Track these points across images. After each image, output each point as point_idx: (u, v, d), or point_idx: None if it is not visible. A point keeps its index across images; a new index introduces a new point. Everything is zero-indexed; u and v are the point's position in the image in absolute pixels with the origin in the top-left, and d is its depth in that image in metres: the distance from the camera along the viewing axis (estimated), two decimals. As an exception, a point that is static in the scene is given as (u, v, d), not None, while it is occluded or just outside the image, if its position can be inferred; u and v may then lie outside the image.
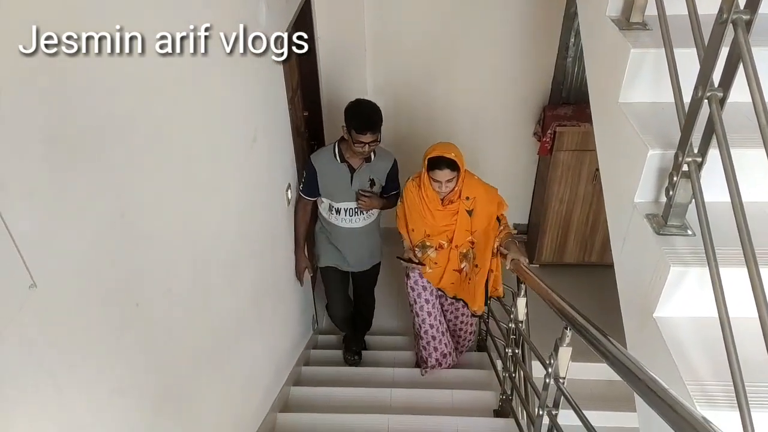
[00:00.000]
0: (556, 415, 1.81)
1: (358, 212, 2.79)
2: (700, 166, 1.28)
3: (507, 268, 2.47)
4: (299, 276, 2.95)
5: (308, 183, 2.73)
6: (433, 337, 2.91)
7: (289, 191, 2.76)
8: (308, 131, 3.95)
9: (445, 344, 2.97)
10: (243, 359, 2.14)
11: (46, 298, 0.93)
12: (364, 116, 2.50)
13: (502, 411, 2.63)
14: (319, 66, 3.82)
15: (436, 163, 2.39)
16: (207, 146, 1.69)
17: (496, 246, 2.58)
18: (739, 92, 1.21)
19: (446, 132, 4.13)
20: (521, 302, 2.33)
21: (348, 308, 3.28)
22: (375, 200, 2.77)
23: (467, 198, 2.52)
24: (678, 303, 1.32)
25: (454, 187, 2.46)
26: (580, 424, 1.72)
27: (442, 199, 2.52)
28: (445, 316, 2.98)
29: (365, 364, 3.34)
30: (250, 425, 2.26)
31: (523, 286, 2.33)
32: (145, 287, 1.30)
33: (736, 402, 1.06)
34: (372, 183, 2.74)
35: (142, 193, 1.28)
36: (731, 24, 1.10)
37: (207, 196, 1.71)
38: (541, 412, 1.86)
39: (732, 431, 1.07)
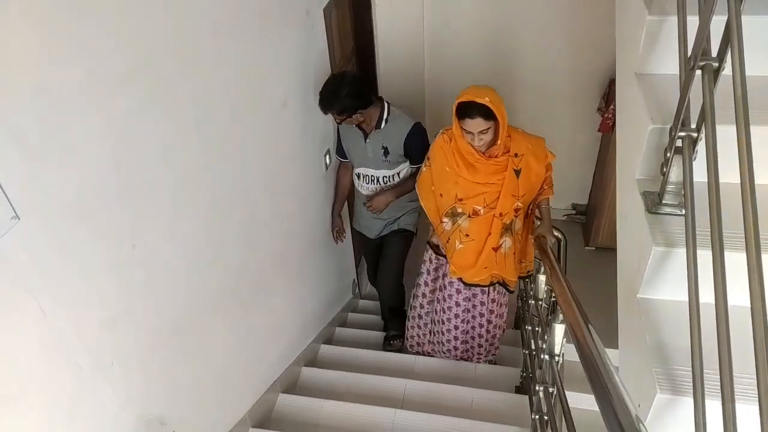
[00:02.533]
0: (553, 392, 1.78)
1: (376, 180, 2.72)
2: (695, 141, 1.19)
3: (531, 242, 2.31)
4: (333, 236, 3.00)
5: (337, 144, 2.80)
6: (417, 318, 2.75)
7: (327, 157, 2.83)
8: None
9: (429, 339, 2.76)
10: (263, 312, 2.26)
11: (29, 230, 1.05)
12: (320, 95, 2.42)
13: (522, 388, 2.61)
14: (376, 34, 3.83)
15: (466, 109, 1.97)
16: (225, 104, 1.78)
17: (531, 207, 2.29)
18: (758, 65, 1.12)
19: (510, 106, 4.03)
20: (541, 279, 2.21)
21: (375, 270, 3.18)
22: (382, 197, 2.68)
23: (515, 155, 2.11)
24: (662, 285, 1.26)
25: (492, 141, 2.05)
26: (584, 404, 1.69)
27: (483, 152, 2.11)
28: (457, 309, 2.58)
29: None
30: (269, 373, 2.40)
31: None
32: (144, 231, 1.41)
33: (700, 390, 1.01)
34: (386, 151, 2.61)
35: (144, 143, 1.38)
36: (724, -14, 1.02)
37: (224, 152, 1.80)
38: (538, 388, 1.83)
39: (690, 418, 1.03)
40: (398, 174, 2.71)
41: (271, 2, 2.06)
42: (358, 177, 2.78)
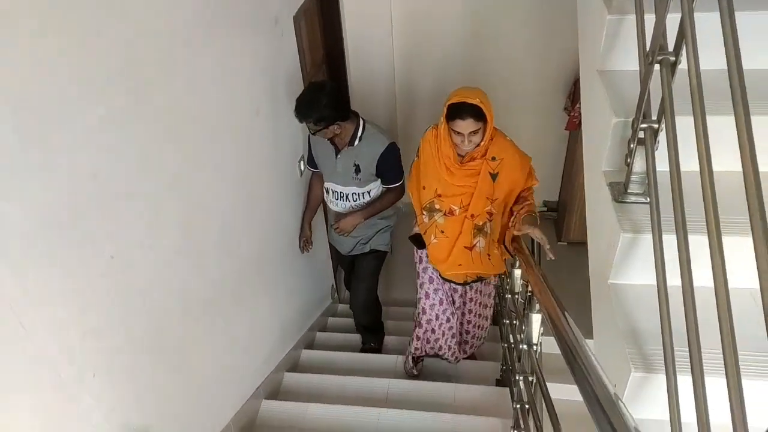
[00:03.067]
0: (533, 381, 1.83)
1: (345, 197, 2.63)
2: (656, 132, 1.25)
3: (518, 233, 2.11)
4: (300, 245, 2.88)
5: (308, 153, 2.72)
6: (434, 330, 2.59)
7: (301, 163, 2.84)
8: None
9: (448, 340, 2.62)
10: (243, 319, 2.26)
11: (8, 241, 1.05)
12: (298, 102, 2.31)
13: (502, 381, 2.66)
14: (346, 43, 3.86)
15: (458, 110, 1.95)
16: (199, 113, 1.78)
17: (510, 221, 2.18)
18: (711, 59, 1.18)
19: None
20: (517, 273, 2.27)
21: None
22: (350, 218, 2.60)
23: (493, 158, 2.08)
24: (631, 269, 1.32)
25: (480, 143, 2.03)
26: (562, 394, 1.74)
27: (462, 156, 2.10)
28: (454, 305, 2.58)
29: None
30: (252, 379, 2.40)
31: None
32: (122, 242, 1.41)
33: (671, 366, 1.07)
34: (357, 169, 2.52)
35: (120, 153, 1.38)
36: (676, -15, 1.08)
37: (198, 161, 1.81)
38: (518, 378, 1.88)
39: (663, 393, 1.08)
40: (368, 192, 2.61)
41: (240, 12, 2.08)
42: (327, 191, 2.70)
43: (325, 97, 2.29)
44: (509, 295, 2.41)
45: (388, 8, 3.79)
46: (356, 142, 2.46)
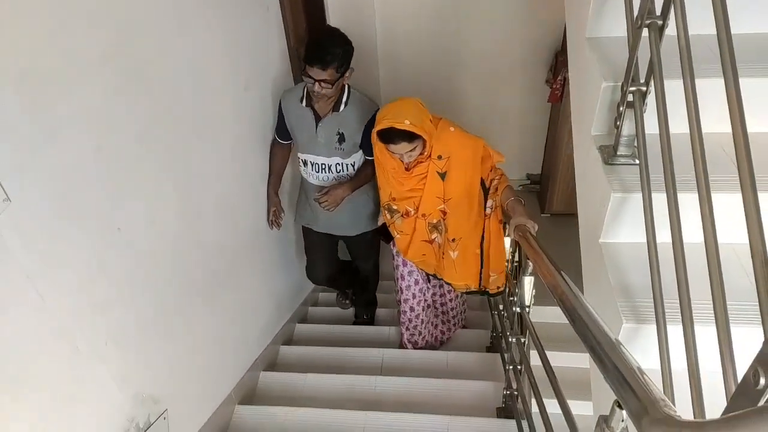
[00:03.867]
0: (525, 343, 1.91)
1: (327, 169, 2.37)
2: (644, 95, 1.31)
3: (511, 237, 1.91)
4: (268, 218, 2.58)
5: (278, 122, 2.40)
6: (411, 320, 2.61)
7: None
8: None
9: (429, 330, 2.70)
10: (240, 293, 2.29)
11: (22, 213, 1.06)
12: (314, 43, 2.02)
13: (493, 347, 2.75)
14: (328, 15, 3.84)
15: (387, 136, 1.88)
16: (192, 89, 1.79)
17: (488, 208, 2.07)
18: (699, 24, 1.23)
19: (456, 81, 4.14)
20: (527, 282, 1.81)
21: (328, 271, 2.86)
22: (339, 190, 2.32)
23: (439, 157, 1.99)
24: (621, 229, 1.38)
25: (422, 152, 1.97)
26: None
27: (406, 163, 2.02)
28: (431, 295, 2.61)
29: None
30: (250, 352, 2.44)
31: (529, 262, 1.72)
32: (127, 214, 1.43)
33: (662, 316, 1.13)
34: (341, 138, 2.27)
35: (122, 126, 1.40)
36: (664, -51, 1.12)
37: (196, 134, 1.82)
38: (511, 340, 1.95)
39: (654, 343, 1.15)
40: (352, 164, 2.38)
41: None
42: (305, 164, 2.40)
43: (341, 36, 2.06)
44: (516, 309, 2.34)
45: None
46: (341, 107, 2.22)
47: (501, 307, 2.43)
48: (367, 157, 2.38)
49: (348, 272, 3.02)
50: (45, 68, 1.12)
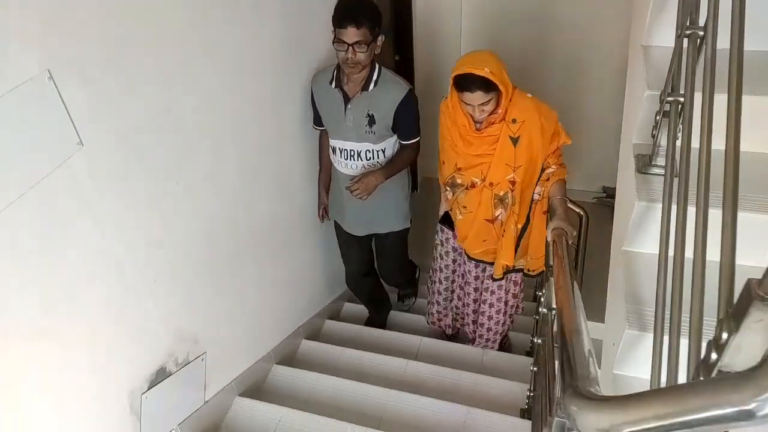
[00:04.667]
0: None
1: (357, 156, 2.22)
2: (680, 106, 1.29)
3: (547, 237, 1.85)
4: (318, 213, 2.54)
5: (313, 109, 2.30)
6: (437, 293, 2.56)
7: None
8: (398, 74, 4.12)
9: (446, 314, 2.61)
10: (292, 263, 2.45)
11: (91, 156, 1.25)
12: (343, 4, 1.94)
13: (531, 351, 2.74)
14: (414, 10, 3.94)
15: (464, 83, 1.80)
16: (263, 61, 1.96)
17: (536, 194, 2.04)
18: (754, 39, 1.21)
19: (540, 79, 4.07)
20: (553, 283, 1.71)
21: (361, 272, 2.71)
22: (372, 177, 2.16)
23: (513, 120, 1.91)
24: (644, 238, 1.38)
25: (495, 110, 1.89)
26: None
27: (478, 122, 1.94)
28: (468, 286, 2.43)
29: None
30: (294, 319, 2.61)
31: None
32: (188, 170, 1.61)
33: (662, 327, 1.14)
34: (371, 120, 2.12)
35: (192, 92, 1.58)
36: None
37: (262, 107, 1.99)
38: (537, 341, 1.97)
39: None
40: (383, 151, 2.23)
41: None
42: (334, 151, 2.28)
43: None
44: (543, 309, 2.28)
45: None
46: (371, 86, 2.09)
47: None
48: (402, 142, 2.25)
49: (380, 288, 2.89)
50: (130, 32, 1.30)
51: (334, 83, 2.14)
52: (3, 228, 1.06)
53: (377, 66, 2.12)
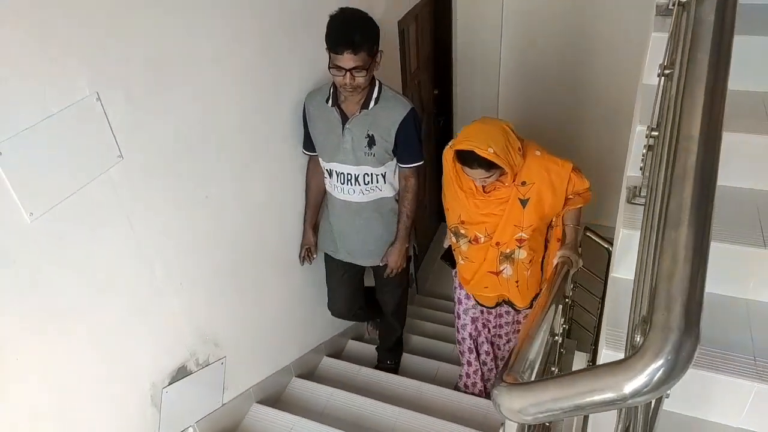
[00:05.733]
0: (554, 372, 1.96)
1: (354, 180, 2.09)
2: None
3: (554, 261, 1.88)
4: (300, 254, 2.35)
5: (305, 131, 2.15)
6: (466, 352, 2.47)
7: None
8: (437, 109, 4.29)
9: (475, 369, 2.48)
10: (316, 282, 2.58)
11: (130, 168, 1.45)
12: (340, 26, 1.80)
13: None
14: (455, 47, 4.11)
15: (465, 159, 1.76)
16: (294, 92, 2.15)
17: (553, 222, 2.00)
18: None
19: (576, 115, 4.12)
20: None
21: (350, 308, 2.58)
22: (398, 247, 2.19)
23: (523, 183, 1.87)
24: (627, 264, 1.43)
25: (501, 177, 1.85)
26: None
27: (484, 187, 1.91)
28: (487, 330, 2.41)
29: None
30: (316, 335, 2.73)
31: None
32: (217, 183, 1.79)
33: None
34: (370, 141, 2.00)
35: (225, 113, 1.77)
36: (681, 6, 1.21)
37: (286, 133, 2.17)
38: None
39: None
40: (383, 176, 2.11)
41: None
42: (330, 174, 2.15)
43: (365, 15, 1.87)
44: None
45: (499, 13, 3.96)
46: (371, 104, 1.98)
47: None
48: (402, 166, 2.11)
49: (375, 302, 2.71)
50: (172, 55, 1.51)
51: (330, 101, 2.03)
52: (51, 222, 1.25)
53: (377, 82, 2.02)
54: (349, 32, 1.78)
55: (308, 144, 2.17)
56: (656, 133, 1.32)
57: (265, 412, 2.28)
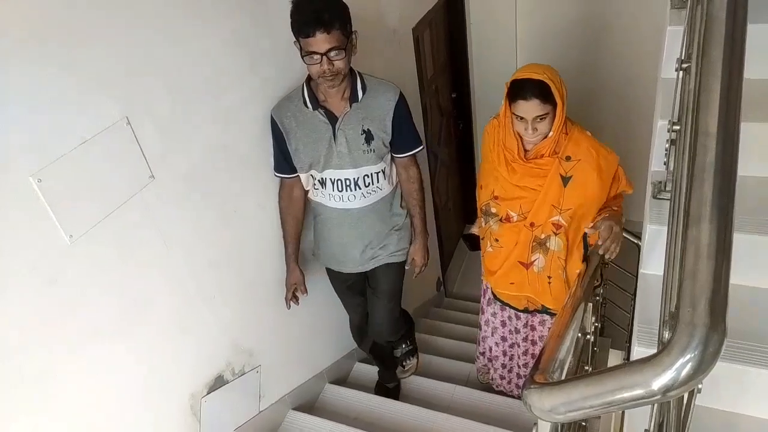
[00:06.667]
0: (588, 370, 1.95)
1: (354, 185, 1.86)
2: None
3: (590, 232, 1.78)
4: (286, 295, 2.05)
5: (276, 151, 1.88)
6: (492, 360, 2.40)
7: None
8: (456, 111, 4.30)
9: (502, 374, 2.40)
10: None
11: (161, 188, 1.50)
12: (306, 6, 1.58)
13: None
14: (470, 50, 4.12)
15: (521, 88, 1.64)
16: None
17: (590, 226, 1.80)
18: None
19: (596, 113, 4.09)
20: (588, 308, 1.72)
21: (364, 315, 2.35)
22: (420, 243, 2.06)
23: (568, 158, 1.73)
24: (655, 260, 1.43)
25: (549, 133, 1.70)
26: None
27: (527, 150, 1.77)
28: (518, 336, 2.24)
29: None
30: (348, 342, 2.75)
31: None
32: (241, 200, 1.84)
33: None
34: (368, 137, 1.80)
35: (247, 131, 1.82)
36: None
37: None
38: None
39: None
40: (382, 172, 1.90)
41: (363, 23, 2.44)
42: (324, 185, 1.89)
43: None
44: None
45: (513, 18, 3.97)
46: (360, 95, 1.77)
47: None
48: (401, 156, 1.91)
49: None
50: (195, 82, 1.57)
51: (310, 106, 1.77)
52: (88, 244, 1.30)
53: (356, 72, 1.80)
54: (317, 10, 1.57)
55: (282, 165, 1.89)
56: (678, 127, 1.31)
57: (301, 419, 2.32)
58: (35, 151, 1.18)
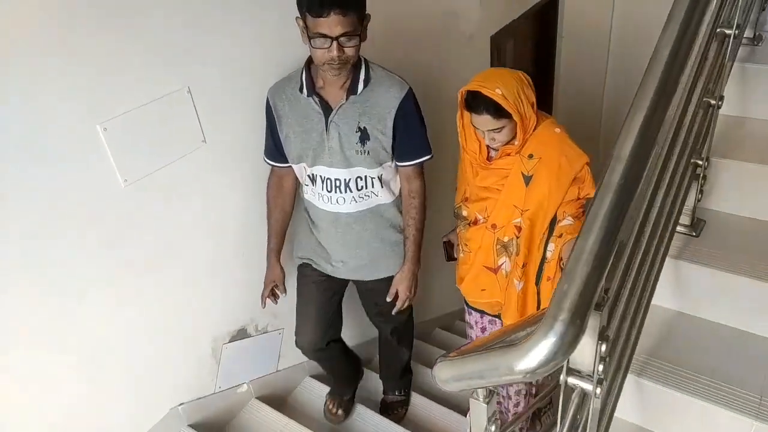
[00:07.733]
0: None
1: (345, 187, 1.68)
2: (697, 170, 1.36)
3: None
4: (263, 292, 1.89)
5: (267, 135, 1.74)
6: None
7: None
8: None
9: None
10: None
11: (209, 152, 1.71)
12: None
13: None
14: (559, 62, 4.06)
15: (471, 102, 1.52)
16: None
17: (548, 252, 1.65)
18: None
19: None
20: None
21: (320, 335, 1.97)
22: (408, 271, 1.79)
23: (530, 156, 1.59)
24: (665, 293, 1.44)
25: (510, 141, 1.57)
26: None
27: (495, 150, 1.63)
28: None
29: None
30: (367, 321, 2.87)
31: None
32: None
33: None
34: (363, 135, 1.62)
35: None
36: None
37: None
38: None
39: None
40: (379, 178, 1.70)
41: (437, 29, 2.55)
42: (313, 181, 1.72)
43: None
44: None
45: (608, 30, 3.87)
46: (360, 87, 1.59)
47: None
48: (404, 164, 1.70)
49: (348, 356, 2.21)
50: (239, 62, 1.75)
51: (305, 91, 1.61)
52: (137, 190, 1.54)
53: (363, 60, 1.61)
54: None
55: (273, 152, 1.74)
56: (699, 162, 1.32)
57: (318, 387, 2.46)
58: (105, 104, 1.43)
